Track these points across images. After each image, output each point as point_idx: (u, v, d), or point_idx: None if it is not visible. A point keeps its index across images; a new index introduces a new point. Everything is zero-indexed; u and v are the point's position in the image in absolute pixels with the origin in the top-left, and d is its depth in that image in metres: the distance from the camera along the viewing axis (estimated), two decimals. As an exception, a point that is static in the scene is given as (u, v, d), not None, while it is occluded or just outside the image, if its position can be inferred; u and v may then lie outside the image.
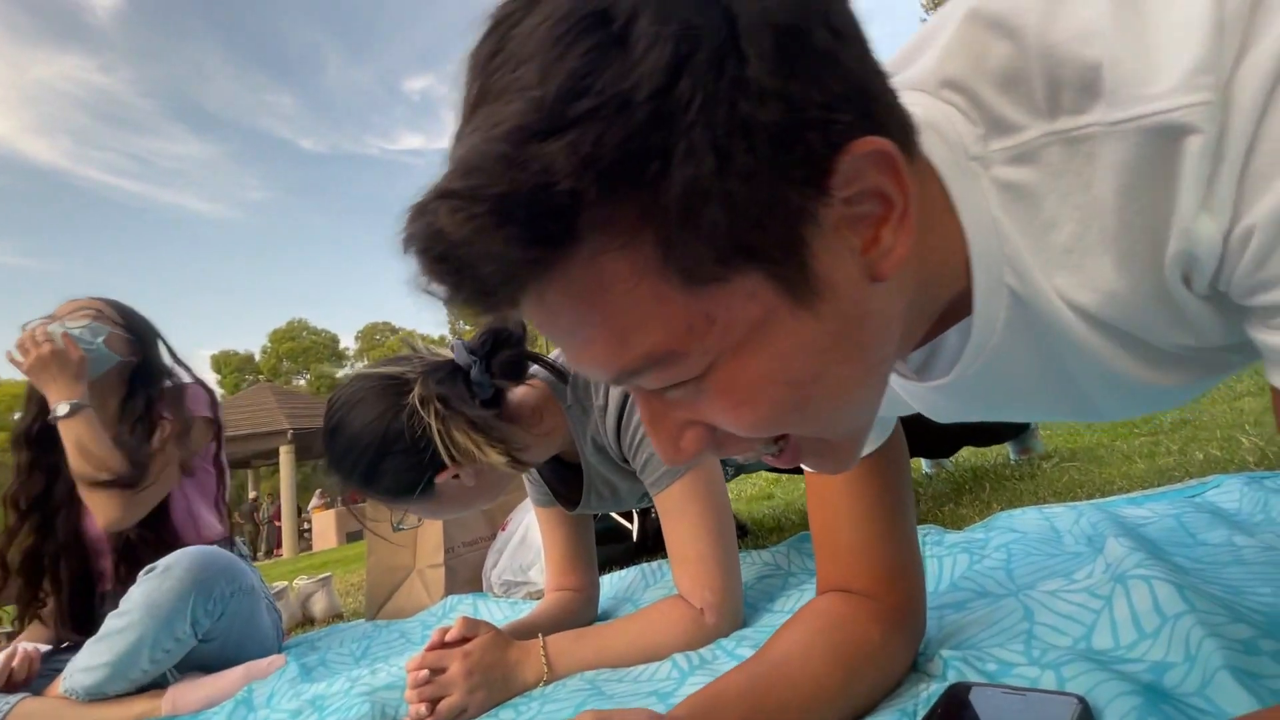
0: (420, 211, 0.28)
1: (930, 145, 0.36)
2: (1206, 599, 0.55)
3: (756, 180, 0.28)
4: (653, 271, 0.29)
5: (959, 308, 0.41)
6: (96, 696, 1.14)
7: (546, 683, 0.85)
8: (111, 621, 1.15)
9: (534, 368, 0.98)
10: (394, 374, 0.88)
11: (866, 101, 0.31)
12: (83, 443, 1.26)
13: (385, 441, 0.84)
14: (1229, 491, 0.93)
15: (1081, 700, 0.46)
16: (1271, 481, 0.91)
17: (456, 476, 0.88)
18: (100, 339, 1.35)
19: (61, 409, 1.26)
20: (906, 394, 0.52)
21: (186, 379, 1.53)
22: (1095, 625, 0.60)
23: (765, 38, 0.28)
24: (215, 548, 1.27)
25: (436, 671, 0.83)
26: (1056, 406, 0.48)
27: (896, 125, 0.33)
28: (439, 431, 0.83)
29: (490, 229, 0.27)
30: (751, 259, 0.30)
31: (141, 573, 1.19)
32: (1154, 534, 0.83)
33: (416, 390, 0.85)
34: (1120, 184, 0.31)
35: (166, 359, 1.48)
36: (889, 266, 0.33)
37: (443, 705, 0.80)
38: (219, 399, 1.58)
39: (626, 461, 0.98)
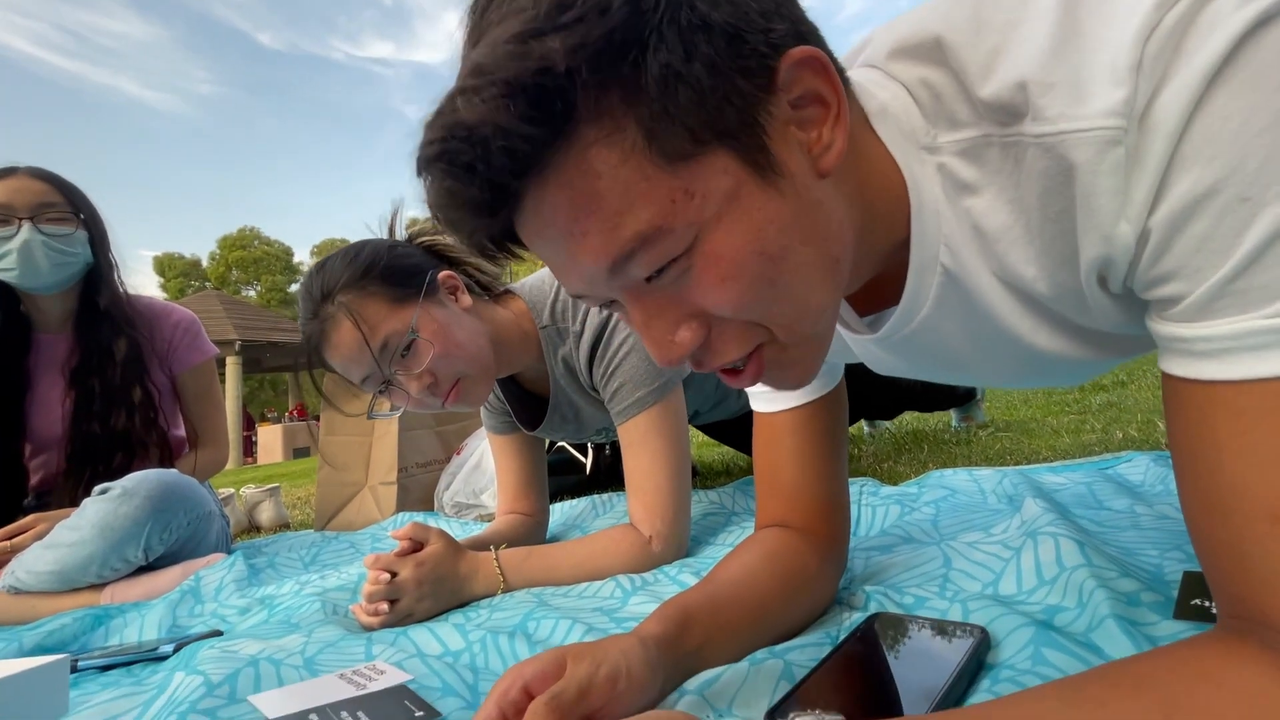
0: (438, 114, 0.33)
1: (885, 128, 0.42)
2: (1102, 556, 0.61)
3: (716, 69, 0.34)
4: (637, 153, 0.34)
5: (901, 282, 0.45)
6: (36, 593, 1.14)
7: (503, 591, 0.89)
8: (62, 533, 1.13)
9: (513, 286, 1.05)
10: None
11: (795, 22, 0.38)
12: None
13: (394, 244, 0.96)
14: (1137, 466, 1.01)
15: (983, 630, 0.52)
16: (1176, 460, 0.99)
17: (453, 293, 0.94)
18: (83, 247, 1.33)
19: None
20: (851, 342, 0.57)
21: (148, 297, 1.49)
22: (1003, 573, 0.66)
23: None
24: (176, 473, 1.24)
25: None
26: (980, 372, 0.54)
27: (824, 48, 0.39)
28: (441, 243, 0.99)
29: (502, 108, 0.32)
30: (720, 137, 0.35)
31: (96, 490, 1.16)
32: (1066, 498, 0.90)
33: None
34: (1041, 189, 0.36)
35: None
36: (830, 160, 0.39)
37: (390, 610, 0.84)
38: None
39: (595, 390, 1.01)
